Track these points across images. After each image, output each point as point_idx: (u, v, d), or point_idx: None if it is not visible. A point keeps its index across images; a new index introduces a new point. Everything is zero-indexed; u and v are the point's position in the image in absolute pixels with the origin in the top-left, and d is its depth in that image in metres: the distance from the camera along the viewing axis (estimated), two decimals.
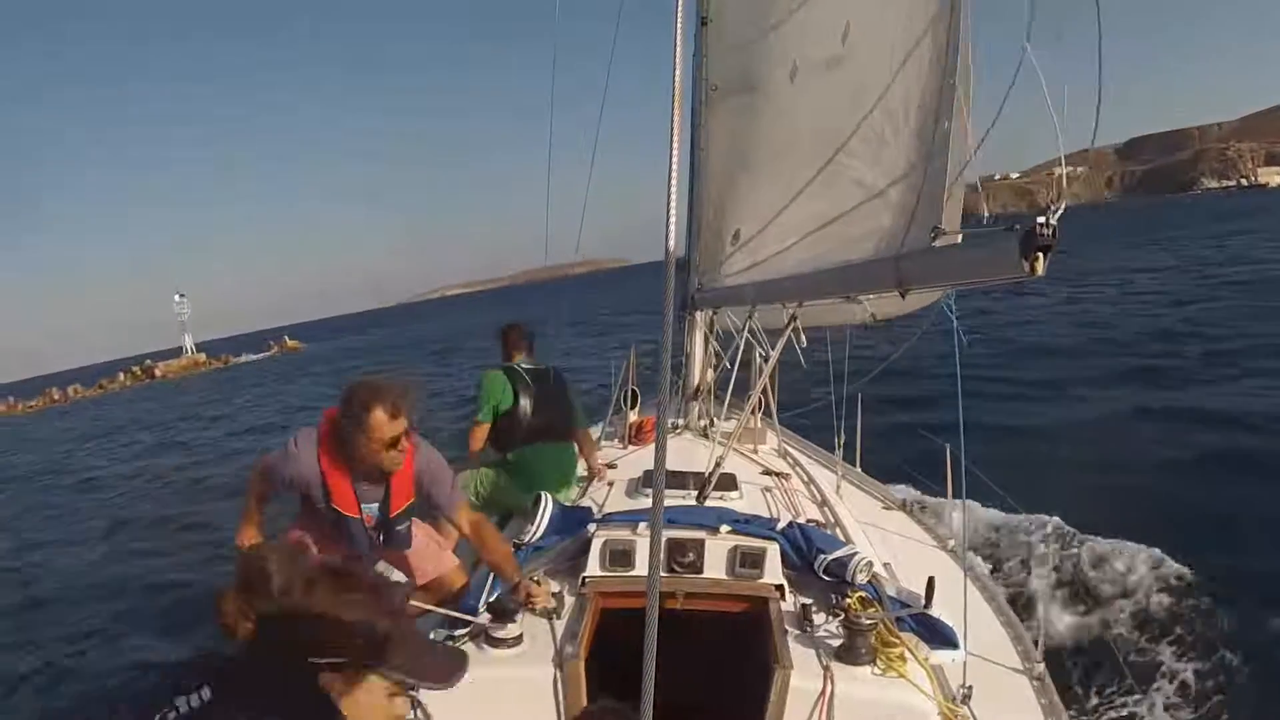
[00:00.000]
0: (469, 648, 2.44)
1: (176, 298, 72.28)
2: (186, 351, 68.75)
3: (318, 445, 2.73)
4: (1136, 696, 3.95)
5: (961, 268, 2.03)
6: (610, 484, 3.69)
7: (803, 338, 3.28)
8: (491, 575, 2.73)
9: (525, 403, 4.10)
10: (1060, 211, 1.56)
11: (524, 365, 4.23)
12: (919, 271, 2.23)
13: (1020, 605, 4.56)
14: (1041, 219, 1.55)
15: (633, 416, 4.75)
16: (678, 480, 3.27)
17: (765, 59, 3.75)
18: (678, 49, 2.26)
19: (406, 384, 2.68)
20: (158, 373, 62.14)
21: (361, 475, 2.75)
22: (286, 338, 74.49)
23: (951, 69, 2.18)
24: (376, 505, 2.83)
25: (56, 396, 57.41)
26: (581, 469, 4.26)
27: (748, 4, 3.91)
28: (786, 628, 2.44)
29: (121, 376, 63.09)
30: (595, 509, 3.20)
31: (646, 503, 3.13)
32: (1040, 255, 1.59)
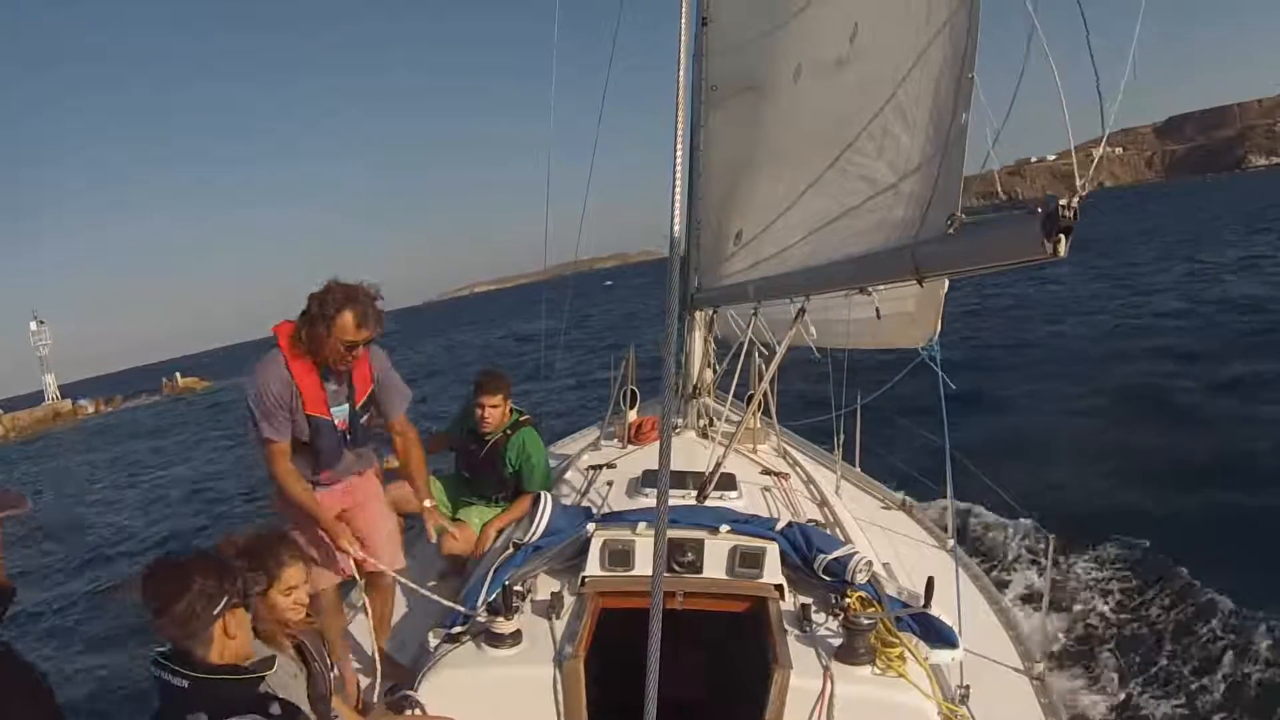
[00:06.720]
0: (469, 647, 2.45)
1: (33, 325, 52.42)
2: (48, 398, 51.10)
3: (283, 356, 2.80)
4: (1137, 696, 3.97)
5: (981, 250, 1.98)
6: (610, 483, 3.68)
7: (812, 330, 3.24)
8: (490, 575, 2.73)
9: None
10: (1084, 192, 1.55)
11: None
12: (937, 257, 2.18)
13: (1020, 605, 4.56)
14: (1064, 200, 1.54)
15: (632, 416, 4.74)
16: (678, 480, 3.26)
17: (767, 59, 3.70)
18: (681, 49, 2.26)
19: (374, 292, 2.80)
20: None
21: (327, 375, 2.86)
22: (179, 375, 54.25)
23: (970, 62, 2.15)
24: (345, 409, 2.95)
25: None
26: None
27: (749, 5, 3.88)
28: (786, 627, 2.44)
29: None
30: (594, 509, 3.21)
31: (646, 503, 3.12)
32: (1062, 236, 1.57)
